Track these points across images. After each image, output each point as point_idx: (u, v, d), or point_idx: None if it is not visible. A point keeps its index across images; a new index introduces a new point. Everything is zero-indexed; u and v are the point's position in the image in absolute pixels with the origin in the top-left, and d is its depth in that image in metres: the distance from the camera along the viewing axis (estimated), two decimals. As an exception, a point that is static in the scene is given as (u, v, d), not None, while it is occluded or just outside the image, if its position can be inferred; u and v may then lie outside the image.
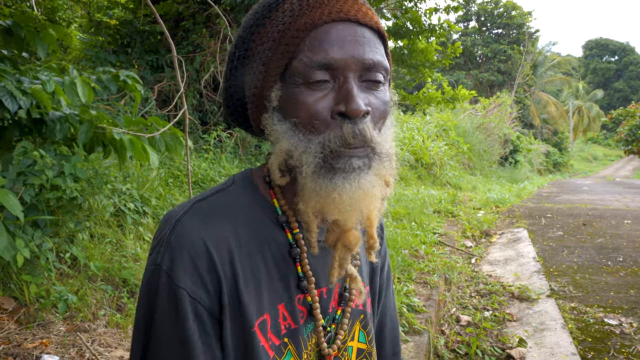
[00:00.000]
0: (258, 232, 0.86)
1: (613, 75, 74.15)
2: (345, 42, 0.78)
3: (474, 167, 15.86)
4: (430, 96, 9.84)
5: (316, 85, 0.78)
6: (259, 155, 6.96)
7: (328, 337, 0.95)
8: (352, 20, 0.80)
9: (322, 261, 0.93)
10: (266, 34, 0.83)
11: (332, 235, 0.86)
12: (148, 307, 0.81)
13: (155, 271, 0.80)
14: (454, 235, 6.22)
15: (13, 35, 2.49)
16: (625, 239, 6.25)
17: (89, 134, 2.29)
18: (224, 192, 0.90)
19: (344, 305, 0.98)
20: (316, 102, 0.78)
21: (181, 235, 0.81)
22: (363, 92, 0.80)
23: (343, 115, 0.78)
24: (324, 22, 0.78)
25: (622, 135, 26.93)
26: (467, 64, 37.15)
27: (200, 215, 0.84)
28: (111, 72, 2.51)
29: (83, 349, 2.46)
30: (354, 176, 0.79)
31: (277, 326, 0.87)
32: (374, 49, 0.81)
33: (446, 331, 3.52)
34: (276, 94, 0.82)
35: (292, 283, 0.89)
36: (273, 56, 0.81)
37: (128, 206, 3.79)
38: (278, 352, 0.87)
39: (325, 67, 0.77)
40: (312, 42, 0.78)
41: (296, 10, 0.81)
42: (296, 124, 0.80)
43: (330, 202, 0.79)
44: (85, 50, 6.69)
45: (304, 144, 0.79)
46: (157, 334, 0.80)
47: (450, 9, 8.60)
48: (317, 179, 0.79)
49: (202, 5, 6.92)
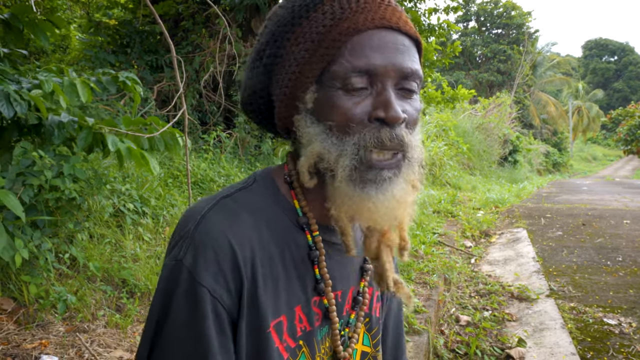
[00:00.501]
0: (278, 233, 0.86)
1: (612, 76, 74.18)
2: (387, 50, 0.78)
3: (474, 167, 15.86)
4: (430, 96, 9.83)
5: (355, 90, 0.78)
6: (258, 156, 6.96)
7: (342, 341, 0.94)
8: (393, 28, 0.80)
9: (339, 264, 0.92)
10: (303, 34, 0.81)
11: (371, 241, 0.86)
12: (164, 303, 0.79)
13: (177, 267, 0.79)
14: (453, 235, 6.22)
15: (12, 28, 2.47)
16: (624, 239, 6.25)
17: (87, 141, 2.29)
18: (247, 189, 0.89)
19: (358, 309, 0.97)
20: (354, 106, 0.78)
21: (205, 232, 0.79)
22: (399, 100, 0.80)
23: (381, 121, 0.77)
24: (367, 28, 0.78)
25: (622, 135, 26.95)
26: (467, 64, 37.15)
27: (225, 213, 0.83)
28: (111, 74, 2.51)
29: (82, 350, 2.45)
30: (386, 186, 0.79)
31: (293, 328, 0.86)
32: (413, 57, 0.81)
33: (446, 331, 3.52)
34: (311, 96, 0.81)
35: (309, 285, 0.88)
36: (310, 58, 0.80)
37: (127, 206, 3.79)
38: (292, 354, 0.86)
39: (365, 73, 0.77)
40: (354, 47, 0.78)
41: (337, 14, 0.79)
42: (331, 127, 0.79)
43: (365, 211, 0.79)
44: (84, 51, 6.69)
45: (339, 146, 0.78)
46: (170, 330, 0.78)
47: (450, 9, 8.59)
48: (350, 185, 0.79)
49: (201, 6, 6.92)
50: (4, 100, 2.00)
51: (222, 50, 6.56)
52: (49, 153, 2.82)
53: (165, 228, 3.97)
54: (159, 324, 0.79)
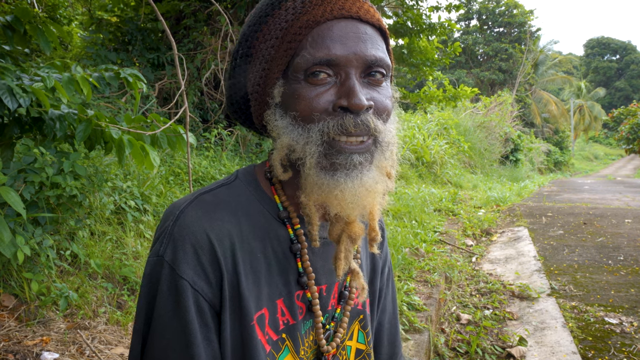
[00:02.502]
0: (260, 227, 0.87)
1: (614, 74, 74.04)
2: (347, 39, 0.79)
3: (475, 166, 15.84)
4: (432, 94, 9.82)
5: (318, 81, 0.78)
6: (259, 153, 6.96)
7: (327, 335, 0.94)
8: (354, 17, 0.80)
9: (323, 258, 0.93)
10: (269, 31, 0.83)
11: (335, 228, 0.86)
12: (149, 298, 0.81)
13: (158, 262, 0.80)
14: (454, 233, 6.22)
15: (14, 31, 2.48)
16: (626, 238, 6.24)
17: (86, 132, 2.29)
18: (228, 186, 0.90)
19: (344, 303, 0.97)
20: (317, 96, 0.79)
21: (184, 227, 0.81)
22: (365, 88, 0.80)
23: (345, 110, 0.78)
24: (326, 19, 0.79)
25: (623, 134, 26.87)
26: (469, 62, 37.12)
27: (203, 208, 0.84)
28: (113, 69, 2.51)
29: (83, 347, 2.46)
30: (356, 173, 0.79)
31: (275, 321, 0.87)
32: (376, 45, 0.82)
33: (446, 330, 3.52)
34: (279, 90, 0.82)
35: (292, 279, 0.89)
36: (276, 53, 0.82)
37: (128, 204, 3.79)
38: (275, 348, 0.87)
39: (327, 64, 0.78)
40: (314, 38, 0.79)
41: (298, 8, 0.81)
42: (296, 117, 0.80)
43: (333, 198, 0.80)
44: (86, 48, 6.69)
45: (304, 135, 0.79)
46: (158, 325, 0.80)
47: (452, 7, 8.58)
48: (319, 173, 0.79)
49: (203, 3, 6.91)
50: (7, 93, 2.00)
51: (223, 47, 6.55)
52: (50, 150, 2.82)
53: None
54: (147, 320, 0.81)
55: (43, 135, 2.45)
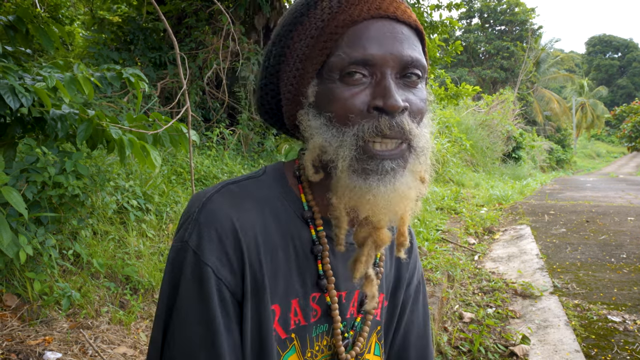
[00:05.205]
0: (283, 225, 0.86)
1: (616, 72, 73.87)
2: (384, 39, 0.78)
3: (477, 164, 15.82)
4: (433, 93, 9.82)
5: (353, 81, 0.77)
6: (261, 152, 6.96)
7: (345, 344, 0.93)
8: (390, 17, 0.79)
9: (344, 263, 0.91)
10: (304, 31, 0.82)
11: (362, 231, 0.84)
12: (172, 285, 0.80)
13: (182, 248, 0.80)
14: (456, 232, 6.21)
15: (17, 31, 2.49)
16: (628, 235, 6.23)
17: (87, 132, 2.29)
18: (255, 179, 0.89)
19: (365, 312, 0.95)
20: (352, 96, 0.77)
21: (210, 213, 0.80)
22: (400, 89, 0.79)
23: (380, 110, 0.77)
24: (363, 18, 0.78)
25: (626, 132, 26.81)
26: (470, 60, 37.07)
27: (230, 197, 0.84)
28: (115, 69, 2.51)
29: (86, 346, 2.46)
30: (389, 178, 0.77)
31: (286, 320, 0.86)
32: (412, 46, 0.80)
33: (449, 328, 3.52)
34: (313, 90, 0.81)
35: (309, 280, 0.88)
36: (311, 53, 0.81)
37: (131, 203, 3.80)
38: (282, 345, 0.86)
39: (362, 63, 0.77)
40: (350, 38, 0.78)
41: (335, 7, 0.80)
42: (330, 118, 0.79)
43: (365, 202, 0.78)
44: (88, 48, 6.70)
45: (338, 137, 0.78)
46: (180, 312, 0.79)
47: (452, 5, 8.58)
48: (352, 176, 0.78)
49: (204, 2, 6.91)
50: (9, 92, 2.01)
51: (225, 47, 6.55)
52: (52, 150, 2.82)
53: (168, 225, 3.98)
54: (169, 308, 0.80)
55: (45, 135, 2.46)
